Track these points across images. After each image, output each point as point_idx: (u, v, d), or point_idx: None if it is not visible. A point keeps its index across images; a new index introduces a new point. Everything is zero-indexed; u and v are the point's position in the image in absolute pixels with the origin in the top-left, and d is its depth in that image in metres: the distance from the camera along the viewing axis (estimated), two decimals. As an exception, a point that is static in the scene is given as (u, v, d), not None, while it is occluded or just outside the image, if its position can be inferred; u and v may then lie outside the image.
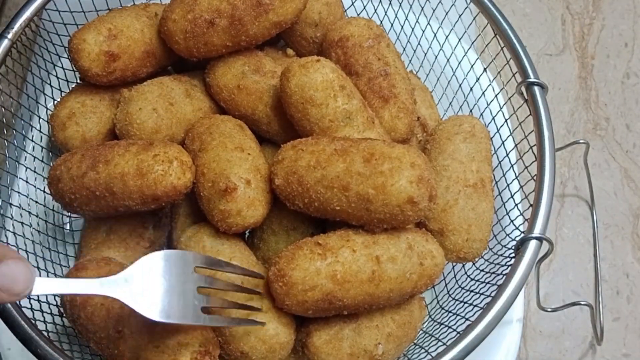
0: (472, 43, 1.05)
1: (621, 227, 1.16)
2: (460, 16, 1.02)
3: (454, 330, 0.83)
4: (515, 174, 0.96)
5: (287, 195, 0.80)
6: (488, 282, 0.86)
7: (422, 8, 1.06)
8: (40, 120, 1.00)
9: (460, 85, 1.05)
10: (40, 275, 0.90)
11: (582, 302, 0.96)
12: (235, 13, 0.88)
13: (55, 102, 0.98)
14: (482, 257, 0.90)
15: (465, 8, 1.00)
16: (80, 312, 0.76)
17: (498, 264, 0.87)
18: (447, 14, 1.03)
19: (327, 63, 0.85)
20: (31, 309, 0.83)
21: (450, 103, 1.07)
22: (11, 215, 0.92)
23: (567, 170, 1.20)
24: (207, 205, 0.83)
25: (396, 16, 1.09)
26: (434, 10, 1.06)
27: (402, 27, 1.10)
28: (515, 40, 0.91)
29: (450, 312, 0.89)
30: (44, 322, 0.84)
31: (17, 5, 0.99)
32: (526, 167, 0.89)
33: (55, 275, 0.93)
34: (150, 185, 0.79)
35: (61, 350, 0.74)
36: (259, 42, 0.93)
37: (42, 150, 1.00)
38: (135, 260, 0.68)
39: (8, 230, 0.91)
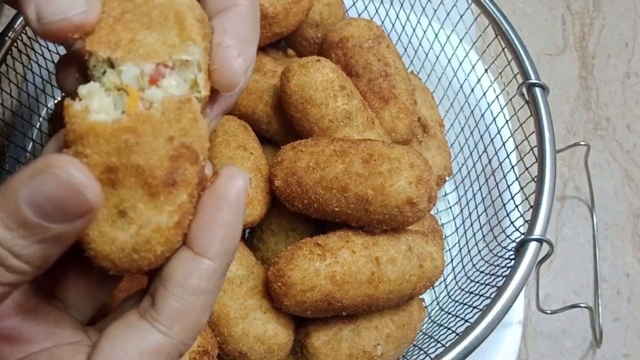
0: (474, 44, 1.04)
1: (621, 227, 1.15)
2: (461, 17, 1.02)
3: (454, 332, 0.83)
4: (516, 175, 0.95)
5: (286, 197, 0.80)
6: (488, 284, 0.85)
7: (424, 9, 1.06)
8: (41, 119, 1.00)
9: (461, 86, 1.05)
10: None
11: (582, 305, 0.95)
12: None
13: (56, 101, 0.97)
14: (483, 259, 0.90)
15: (467, 9, 1.00)
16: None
17: (498, 265, 0.87)
18: (448, 14, 1.03)
19: (327, 63, 0.85)
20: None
21: (451, 104, 1.06)
22: (11, 214, 0.92)
23: (567, 171, 1.20)
24: (204, 200, 0.83)
25: (397, 17, 1.09)
26: (435, 11, 1.05)
27: (403, 27, 1.10)
28: (516, 42, 0.91)
29: (450, 313, 0.89)
30: (44, 321, 0.84)
31: (18, 4, 0.99)
32: (527, 169, 0.89)
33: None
34: None
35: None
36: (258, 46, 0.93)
37: (42, 149, 0.99)
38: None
39: (8, 229, 0.91)
